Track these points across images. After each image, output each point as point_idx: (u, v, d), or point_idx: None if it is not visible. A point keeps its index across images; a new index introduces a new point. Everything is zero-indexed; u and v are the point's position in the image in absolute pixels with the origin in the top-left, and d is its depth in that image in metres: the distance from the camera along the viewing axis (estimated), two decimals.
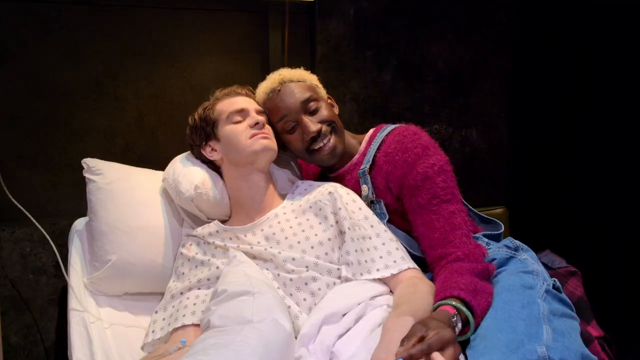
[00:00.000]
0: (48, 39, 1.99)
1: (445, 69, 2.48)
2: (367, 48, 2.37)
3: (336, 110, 1.69)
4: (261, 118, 1.59)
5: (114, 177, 1.73)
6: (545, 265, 1.65)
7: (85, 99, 2.07)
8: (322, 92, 1.67)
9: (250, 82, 1.69)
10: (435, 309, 1.30)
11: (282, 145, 1.68)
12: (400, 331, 1.19)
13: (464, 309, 1.27)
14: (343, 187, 1.62)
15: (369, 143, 1.66)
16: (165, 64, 2.14)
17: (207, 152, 1.65)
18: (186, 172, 1.64)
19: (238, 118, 1.60)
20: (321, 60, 2.27)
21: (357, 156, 1.67)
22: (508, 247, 1.55)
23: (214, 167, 1.68)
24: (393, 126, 1.67)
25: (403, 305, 1.31)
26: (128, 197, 1.70)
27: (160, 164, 1.78)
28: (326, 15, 2.27)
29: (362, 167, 1.62)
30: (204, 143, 1.64)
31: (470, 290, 1.31)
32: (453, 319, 1.25)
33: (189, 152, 1.74)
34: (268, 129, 1.62)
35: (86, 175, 1.74)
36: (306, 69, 1.68)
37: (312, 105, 1.60)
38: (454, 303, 1.28)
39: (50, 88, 2.02)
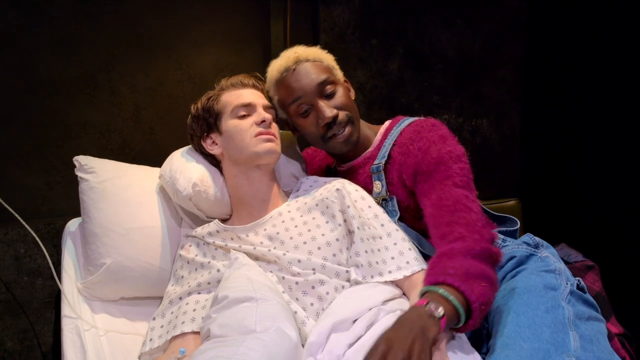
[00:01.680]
0: (39, 31, 1.92)
1: (454, 56, 2.42)
2: (372, 36, 2.31)
3: (352, 94, 1.60)
4: (268, 116, 1.51)
5: (108, 175, 1.66)
6: (561, 259, 1.59)
7: (79, 94, 2.00)
8: (339, 74, 1.59)
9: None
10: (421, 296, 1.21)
11: (293, 129, 1.61)
12: None
13: (451, 297, 1.15)
14: (351, 183, 1.53)
15: (384, 136, 1.58)
16: (162, 56, 2.08)
17: (208, 145, 1.57)
18: (184, 168, 1.57)
19: (243, 112, 1.52)
20: (325, 49, 2.17)
21: (371, 149, 1.58)
22: (528, 244, 1.47)
23: (214, 161, 1.60)
24: (412, 119, 1.58)
25: None
26: (123, 197, 1.62)
27: (158, 161, 1.71)
28: (330, 2, 2.20)
29: (376, 162, 1.54)
30: (205, 135, 1.57)
31: (459, 273, 1.19)
32: (427, 311, 1.13)
33: (187, 146, 1.66)
34: (274, 128, 1.54)
35: (78, 173, 1.67)
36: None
37: (329, 88, 1.51)
38: (440, 291, 1.17)
39: (42, 83, 1.95)
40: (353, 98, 1.59)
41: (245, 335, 1.13)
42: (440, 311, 1.12)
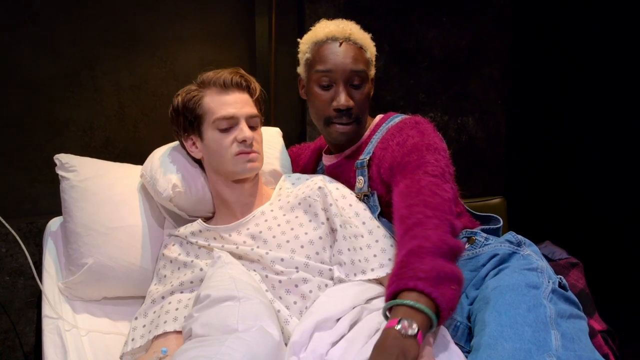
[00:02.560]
0: (20, 28, 1.89)
1: (440, 54, 2.41)
2: None
3: (371, 92, 1.58)
4: (249, 135, 1.44)
5: (89, 173, 1.64)
6: (545, 256, 1.60)
7: (62, 91, 1.97)
8: (372, 71, 1.57)
9: None
10: (386, 309, 1.15)
11: (302, 88, 1.60)
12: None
13: (422, 307, 1.09)
14: (332, 180, 1.53)
15: (372, 131, 1.57)
16: (146, 53, 2.05)
17: (188, 146, 1.54)
18: (164, 168, 1.55)
19: (225, 126, 1.45)
20: None
21: (358, 143, 1.58)
22: (510, 242, 1.47)
23: (196, 158, 1.58)
24: (401, 116, 1.57)
25: None
26: (104, 196, 1.60)
27: (142, 159, 1.69)
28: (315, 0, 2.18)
29: (361, 157, 1.53)
30: (185, 134, 1.53)
31: (431, 277, 1.12)
32: (401, 331, 1.07)
33: (168, 144, 1.65)
34: (258, 136, 1.49)
35: (59, 172, 1.65)
36: (294, 55, 1.59)
37: (358, 80, 1.50)
38: (409, 303, 1.09)
39: (25, 80, 1.92)
40: (371, 94, 1.58)
41: (227, 334, 1.13)
42: (415, 327, 1.07)
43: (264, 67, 2.15)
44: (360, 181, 1.52)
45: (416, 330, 1.07)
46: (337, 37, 1.50)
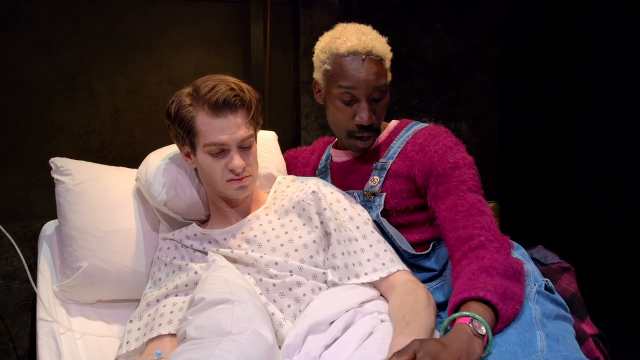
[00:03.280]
0: (16, 31, 1.90)
1: (434, 60, 2.43)
2: None
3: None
4: (240, 164, 1.40)
5: (85, 177, 1.64)
6: (537, 261, 1.62)
7: (57, 95, 1.98)
8: (389, 77, 1.57)
9: (232, 75, 1.59)
10: (455, 310, 1.18)
11: (318, 92, 1.58)
12: None
13: (479, 318, 1.12)
14: (326, 184, 1.54)
15: (392, 134, 1.59)
16: (141, 57, 2.06)
17: (183, 155, 1.52)
18: (159, 172, 1.56)
19: (216, 151, 1.41)
20: (305, 51, 2.19)
21: (375, 144, 1.59)
22: None
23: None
24: (423, 124, 1.60)
25: (411, 323, 1.20)
26: (100, 199, 1.61)
27: (138, 163, 1.69)
28: (310, 5, 2.19)
29: (382, 159, 1.55)
30: (180, 144, 1.50)
31: (499, 292, 1.17)
32: (473, 329, 1.10)
33: (163, 147, 1.65)
34: (250, 162, 1.45)
35: (54, 175, 1.65)
36: (289, 60, 1.59)
37: (379, 94, 1.51)
38: (467, 313, 1.14)
39: (20, 83, 1.92)
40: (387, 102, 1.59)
41: (221, 337, 1.13)
42: (484, 330, 1.11)
43: (259, 71, 2.16)
44: (375, 180, 1.53)
45: (484, 332, 1.11)
46: (359, 51, 1.47)
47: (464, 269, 1.27)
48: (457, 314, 1.14)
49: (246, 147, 1.44)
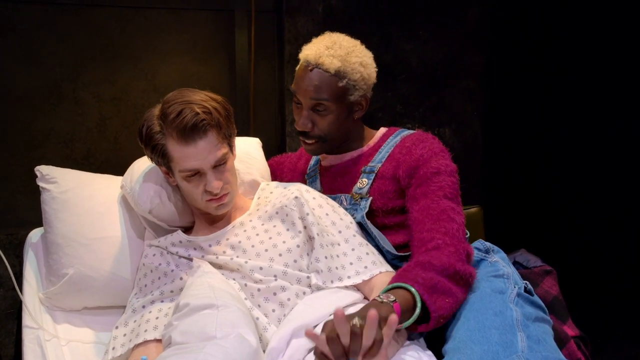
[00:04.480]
0: (1, 40, 1.90)
1: (418, 66, 2.45)
2: None
3: (354, 115, 1.59)
4: (216, 186, 1.41)
5: (70, 185, 1.65)
6: (520, 264, 1.64)
7: (43, 103, 1.98)
8: (357, 93, 1.55)
9: (217, 83, 1.60)
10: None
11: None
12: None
13: (412, 289, 1.20)
14: (309, 190, 1.56)
15: (382, 140, 1.63)
16: (127, 66, 2.07)
17: (162, 172, 1.54)
18: (143, 180, 1.57)
19: (191, 175, 1.42)
20: (290, 59, 2.21)
21: (365, 148, 1.63)
22: (479, 250, 1.52)
23: None
24: (412, 131, 1.64)
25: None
26: (85, 207, 1.61)
27: (123, 171, 1.70)
28: (294, 13, 2.21)
29: (371, 163, 1.59)
30: (157, 165, 1.51)
31: (427, 285, 1.22)
32: (379, 300, 1.16)
33: None
34: (228, 178, 1.45)
35: (40, 183, 1.65)
36: (274, 68, 1.62)
37: (321, 108, 1.53)
38: (403, 285, 1.21)
39: (6, 91, 1.93)
40: (358, 116, 1.60)
41: (205, 341, 1.14)
42: (392, 297, 1.16)
43: (244, 79, 2.18)
44: (364, 182, 1.56)
45: (392, 299, 1.15)
46: (309, 62, 1.52)
47: (408, 264, 1.33)
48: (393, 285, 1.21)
49: (222, 163, 1.44)
